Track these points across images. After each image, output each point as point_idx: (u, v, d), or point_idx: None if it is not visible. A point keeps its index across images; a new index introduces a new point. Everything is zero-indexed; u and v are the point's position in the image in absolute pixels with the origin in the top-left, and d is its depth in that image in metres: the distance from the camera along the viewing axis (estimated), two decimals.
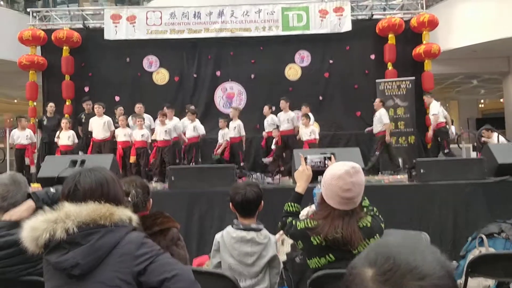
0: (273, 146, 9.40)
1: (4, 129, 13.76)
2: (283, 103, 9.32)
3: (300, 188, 2.61)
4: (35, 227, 1.58)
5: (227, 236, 2.74)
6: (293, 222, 2.36)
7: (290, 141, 9.06)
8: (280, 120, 9.29)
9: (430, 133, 9.28)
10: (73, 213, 1.59)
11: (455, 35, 12.06)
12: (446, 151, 8.86)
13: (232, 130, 9.10)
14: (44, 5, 13.84)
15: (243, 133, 9.22)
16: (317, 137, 9.00)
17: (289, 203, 2.57)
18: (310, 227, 2.22)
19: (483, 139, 9.37)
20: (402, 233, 3.13)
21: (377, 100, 9.49)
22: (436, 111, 9.02)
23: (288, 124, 9.17)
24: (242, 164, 8.88)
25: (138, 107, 9.55)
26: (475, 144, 10.36)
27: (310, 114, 9.46)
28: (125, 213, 1.68)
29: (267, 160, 9.36)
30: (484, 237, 3.44)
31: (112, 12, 11.26)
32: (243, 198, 2.71)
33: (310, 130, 8.89)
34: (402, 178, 7.10)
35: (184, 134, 9.06)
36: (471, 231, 3.95)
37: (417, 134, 10.57)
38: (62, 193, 1.73)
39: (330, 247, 2.16)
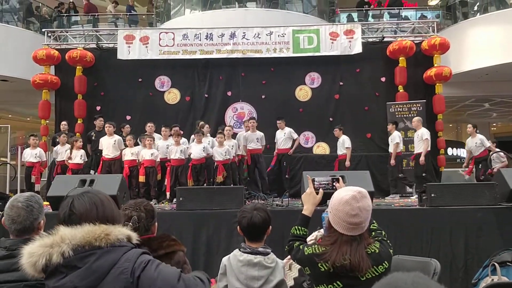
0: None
1: (16, 147, 13.90)
2: (252, 123, 9.54)
3: (307, 211, 2.57)
4: (32, 252, 1.57)
5: (234, 259, 2.70)
6: (300, 247, 2.32)
7: (260, 160, 9.37)
8: (248, 140, 9.40)
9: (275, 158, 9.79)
10: (68, 236, 1.58)
11: (467, 58, 12.06)
12: (286, 176, 9.55)
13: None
14: (59, 25, 14.07)
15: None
16: (231, 157, 8.88)
17: (296, 226, 2.53)
18: (318, 253, 2.18)
19: None
20: (411, 262, 3.07)
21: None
22: (281, 137, 9.74)
23: (257, 143, 9.37)
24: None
25: (150, 126, 9.60)
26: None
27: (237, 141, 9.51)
28: (122, 232, 1.66)
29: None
30: (497, 265, 3.37)
31: (125, 33, 11.41)
32: (249, 222, 2.68)
33: (224, 150, 8.80)
34: (412, 201, 7.04)
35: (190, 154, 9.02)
36: (482, 257, 3.89)
37: (428, 157, 10.46)
38: (58, 219, 1.70)
39: (338, 274, 2.12)
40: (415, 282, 0.88)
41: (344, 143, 9.46)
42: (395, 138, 9.36)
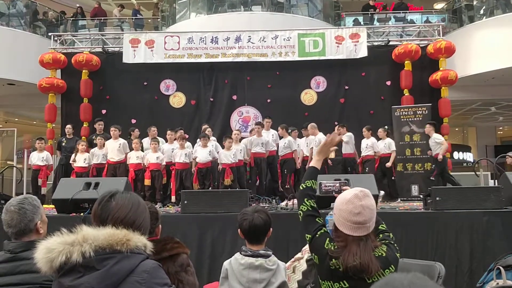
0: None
1: (22, 150, 13.97)
2: (256, 128, 9.44)
3: (318, 162, 2.50)
4: (51, 248, 1.57)
5: (235, 263, 2.70)
6: (323, 230, 2.28)
7: (263, 164, 9.25)
8: (253, 144, 9.30)
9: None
10: (90, 236, 1.59)
11: (473, 62, 12.02)
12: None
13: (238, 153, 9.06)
14: (65, 29, 14.16)
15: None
16: (237, 161, 8.82)
17: (311, 180, 2.44)
18: (333, 250, 2.17)
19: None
20: (416, 265, 3.05)
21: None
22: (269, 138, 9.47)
23: (262, 147, 9.26)
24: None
25: (152, 130, 9.62)
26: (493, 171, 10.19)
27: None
28: (141, 240, 1.67)
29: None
30: (502, 269, 3.33)
31: (131, 37, 11.47)
32: (250, 224, 2.68)
33: (232, 153, 8.75)
34: (417, 205, 7.01)
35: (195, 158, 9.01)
36: (488, 261, 3.85)
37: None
38: (95, 204, 1.78)
39: (346, 274, 2.12)
40: (412, 282, 0.88)
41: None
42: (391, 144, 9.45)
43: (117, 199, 1.75)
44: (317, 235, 2.27)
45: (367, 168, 9.15)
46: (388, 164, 9.29)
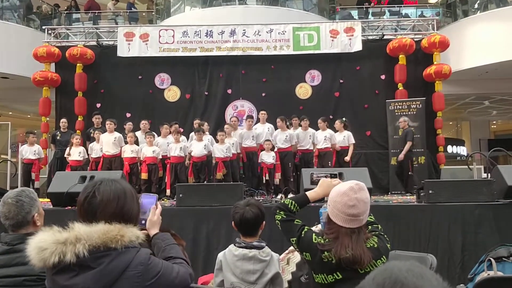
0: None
1: (17, 144, 13.93)
2: (248, 121, 9.47)
3: (312, 194, 2.51)
4: (43, 247, 1.55)
5: (229, 254, 2.73)
6: (306, 229, 2.32)
7: (255, 158, 9.24)
8: (243, 137, 9.31)
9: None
10: (83, 236, 1.56)
11: (466, 56, 12.06)
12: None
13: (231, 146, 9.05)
14: (59, 23, 14.08)
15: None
16: (231, 154, 8.82)
17: (293, 202, 2.47)
18: (324, 244, 2.21)
19: None
20: (408, 257, 3.09)
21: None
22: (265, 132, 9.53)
23: (252, 141, 9.28)
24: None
25: (143, 123, 9.62)
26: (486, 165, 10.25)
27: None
28: (134, 233, 1.67)
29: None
30: (492, 260, 3.39)
31: (125, 30, 11.42)
32: (241, 218, 2.73)
33: (225, 147, 8.73)
34: (410, 198, 7.07)
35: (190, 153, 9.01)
36: (480, 253, 3.91)
37: (428, 155, 10.51)
38: (79, 200, 1.72)
39: (339, 266, 2.16)
40: (410, 269, 0.91)
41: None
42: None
43: (101, 193, 1.69)
44: (302, 235, 2.31)
45: (329, 162, 9.05)
46: (347, 158, 9.24)
